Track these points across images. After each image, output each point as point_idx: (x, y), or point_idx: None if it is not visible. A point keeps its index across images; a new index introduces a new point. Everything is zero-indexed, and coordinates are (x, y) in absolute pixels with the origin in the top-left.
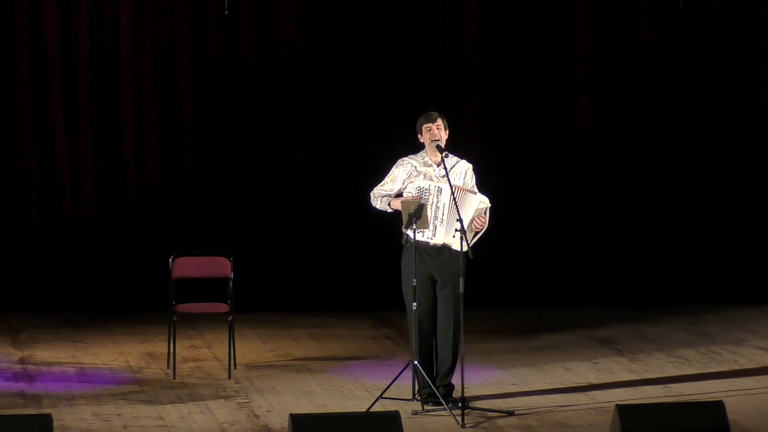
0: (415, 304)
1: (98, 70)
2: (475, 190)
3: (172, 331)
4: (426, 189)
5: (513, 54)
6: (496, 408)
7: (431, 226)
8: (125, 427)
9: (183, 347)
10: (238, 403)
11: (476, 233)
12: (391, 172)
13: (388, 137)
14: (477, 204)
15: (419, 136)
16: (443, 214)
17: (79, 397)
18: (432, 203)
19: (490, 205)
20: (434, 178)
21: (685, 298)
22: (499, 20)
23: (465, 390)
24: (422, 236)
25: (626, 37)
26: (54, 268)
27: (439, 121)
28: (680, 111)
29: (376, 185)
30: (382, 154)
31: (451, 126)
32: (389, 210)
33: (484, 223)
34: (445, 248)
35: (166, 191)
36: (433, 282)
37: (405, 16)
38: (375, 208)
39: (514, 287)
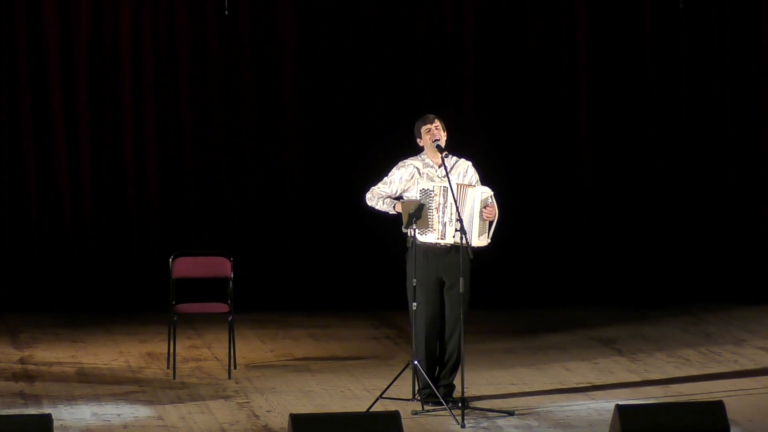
0: (415, 303)
1: (98, 70)
2: (473, 183)
3: (172, 331)
4: (431, 191)
5: (513, 54)
6: (496, 408)
7: (440, 227)
8: (125, 427)
9: (183, 347)
10: (238, 403)
11: (490, 223)
12: (391, 174)
13: (388, 137)
14: (479, 195)
15: (418, 140)
16: (452, 214)
17: (79, 397)
18: (439, 204)
19: (491, 192)
20: (436, 179)
21: (685, 298)
22: (499, 20)
23: (465, 390)
24: (431, 238)
25: (626, 37)
26: (54, 268)
27: (437, 122)
28: (680, 111)
29: (374, 185)
30: (381, 154)
31: (451, 125)
32: (391, 212)
33: (493, 211)
34: (452, 249)
35: (166, 191)
36: (441, 284)
37: (405, 16)
38: (372, 208)
39: (514, 287)
